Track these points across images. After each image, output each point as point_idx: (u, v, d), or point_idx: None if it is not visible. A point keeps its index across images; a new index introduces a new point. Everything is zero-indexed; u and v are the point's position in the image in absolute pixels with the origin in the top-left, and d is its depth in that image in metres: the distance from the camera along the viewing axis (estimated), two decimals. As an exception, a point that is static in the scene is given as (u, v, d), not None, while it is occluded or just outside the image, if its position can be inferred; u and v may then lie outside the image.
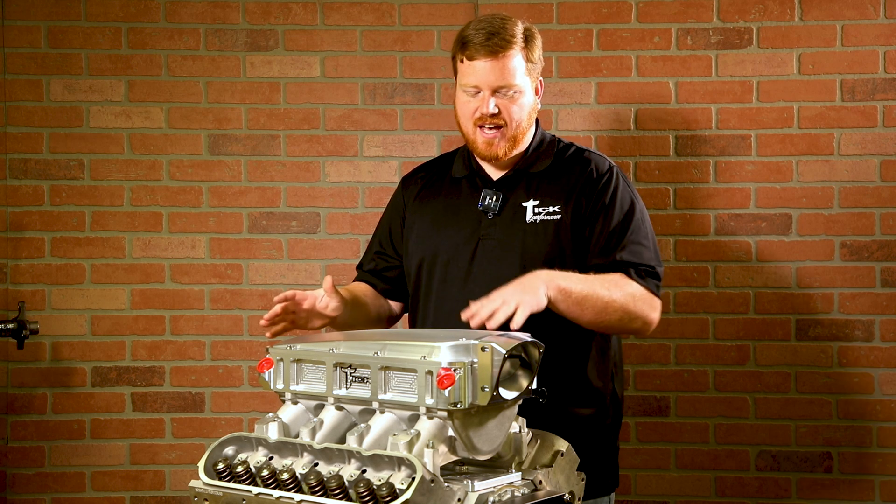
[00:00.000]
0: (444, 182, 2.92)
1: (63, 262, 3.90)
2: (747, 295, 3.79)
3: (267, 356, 2.34)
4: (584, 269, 2.72)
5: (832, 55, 3.75)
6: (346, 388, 2.26)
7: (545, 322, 2.67)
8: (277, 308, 2.63)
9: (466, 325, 2.60)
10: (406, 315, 3.02)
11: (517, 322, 2.40)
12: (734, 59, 3.78)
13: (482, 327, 2.42)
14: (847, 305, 3.75)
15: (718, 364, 3.80)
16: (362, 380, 2.24)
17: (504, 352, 2.16)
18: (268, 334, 2.67)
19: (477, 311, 2.43)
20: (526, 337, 2.24)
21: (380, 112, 3.91)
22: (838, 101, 3.75)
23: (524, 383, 2.23)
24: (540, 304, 2.49)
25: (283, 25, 3.90)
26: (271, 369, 2.33)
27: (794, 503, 3.78)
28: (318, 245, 3.92)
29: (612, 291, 2.64)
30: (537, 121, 2.87)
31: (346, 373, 2.26)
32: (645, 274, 2.72)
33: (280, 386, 2.33)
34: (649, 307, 2.71)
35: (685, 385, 3.80)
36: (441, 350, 2.15)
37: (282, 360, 2.33)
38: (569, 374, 2.75)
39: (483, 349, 2.15)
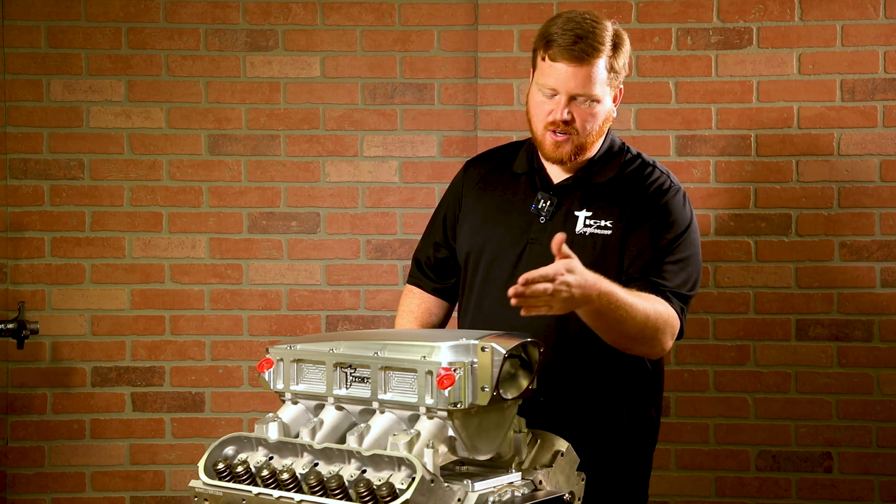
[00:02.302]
0: (504, 175, 2.81)
1: (63, 262, 3.90)
2: (747, 295, 3.79)
3: (267, 356, 2.34)
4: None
5: (832, 55, 3.74)
6: (346, 388, 2.26)
7: (589, 346, 2.61)
8: None
9: (505, 326, 2.50)
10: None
11: (524, 313, 2.33)
12: (734, 59, 3.78)
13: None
14: (847, 305, 3.75)
15: (718, 364, 3.80)
16: (362, 380, 2.24)
17: (504, 352, 2.16)
18: None
19: (524, 291, 2.29)
20: (526, 337, 2.24)
21: (380, 112, 3.91)
22: (838, 101, 3.75)
23: (524, 383, 2.23)
24: (564, 312, 2.39)
25: (283, 25, 3.90)
26: (271, 369, 2.33)
27: (794, 503, 3.78)
28: (318, 245, 3.92)
29: (648, 311, 2.52)
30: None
31: (346, 373, 2.26)
32: (675, 297, 2.62)
33: (280, 386, 2.33)
34: (671, 329, 2.60)
35: (685, 385, 3.80)
36: (441, 350, 2.15)
37: (282, 360, 2.33)
38: (610, 398, 2.71)
39: (483, 349, 2.15)
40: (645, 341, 2.57)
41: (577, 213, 2.69)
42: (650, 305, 2.53)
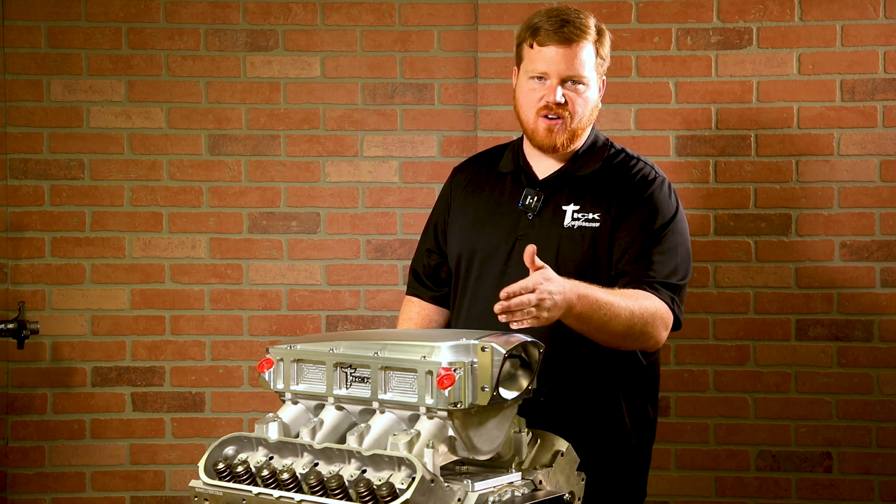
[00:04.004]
0: (490, 176, 2.84)
1: (63, 262, 3.90)
2: (747, 295, 3.79)
3: (267, 356, 2.34)
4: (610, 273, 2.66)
5: (832, 55, 3.75)
6: (346, 388, 2.26)
7: (582, 343, 2.61)
8: None
9: (499, 325, 2.54)
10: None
11: (516, 326, 2.34)
12: (734, 59, 3.78)
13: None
14: (847, 305, 3.75)
15: (718, 364, 3.80)
16: (362, 380, 2.24)
17: (504, 352, 2.16)
18: None
19: (509, 306, 2.31)
20: (526, 337, 2.24)
21: (380, 112, 3.91)
22: (838, 101, 3.75)
23: (524, 383, 2.23)
24: (551, 321, 2.40)
25: (283, 25, 3.90)
26: (271, 369, 2.33)
27: (794, 503, 3.78)
28: (318, 245, 3.92)
29: (633, 308, 2.53)
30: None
31: (346, 373, 2.26)
32: (664, 287, 2.63)
33: (280, 386, 2.33)
34: (663, 324, 2.61)
35: (685, 385, 3.80)
36: (441, 350, 2.16)
37: (282, 360, 2.33)
38: (605, 394, 2.71)
39: (483, 349, 2.15)
40: (635, 337, 2.58)
41: (564, 207, 2.71)
42: (634, 302, 2.54)
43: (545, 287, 2.33)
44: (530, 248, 2.35)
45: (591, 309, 2.45)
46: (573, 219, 2.70)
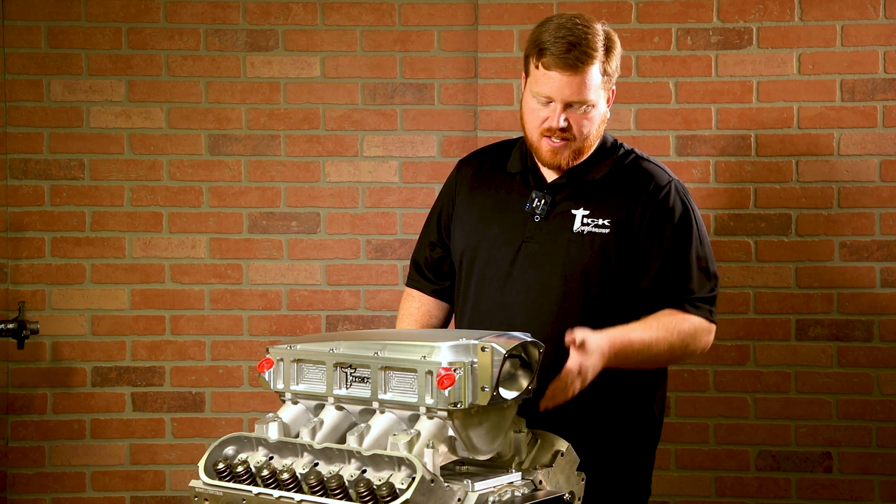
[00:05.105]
0: (497, 174, 2.81)
1: (63, 262, 3.90)
2: (747, 295, 3.79)
3: (267, 356, 2.34)
4: (632, 286, 2.67)
5: (832, 55, 3.75)
6: (347, 388, 2.26)
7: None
8: None
9: (502, 326, 2.53)
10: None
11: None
12: (734, 59, 3.78)
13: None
14: (847, 305, 3.75)
15: (718, 364, 3.80)
16: (362, 380, 2.24)
17: (504, 352, 2.16)
18: None
19: (556, 399, 2.45)
20: (526, 337, 2.24)
21: (380, 112, 3.91)
22: (838, 101, 3.75)
23: (524, 383, 2.23)
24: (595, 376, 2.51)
25: (283, 25, 3.90)
26: (271, 369, 2.33)
27: (794, 503, 3.78)
28: (318, 245, 3.92)
29: (672, 339, 2.62)
30: None
31: (346, 373, 2.26)
32: (700, 302, 2.66)
33: (280, 386, 2.33)
34: (705, 334, 2.68)
35: (685, 385, 3.80)
36: (441, 350, 2.16)
37: (282, 360, 2.33)
38: (611, 395, 2.70)
39: (483, 349, 2.15)
40: (679, 358, 2.72)
41: (574, 211, 2.68)
42: (670, 332, 2.62)
43: (587, 363, 2.44)
44: (570, 335, 2.43)
45: (627, 354, 2.56)
46: (582, 224, 2.67)
